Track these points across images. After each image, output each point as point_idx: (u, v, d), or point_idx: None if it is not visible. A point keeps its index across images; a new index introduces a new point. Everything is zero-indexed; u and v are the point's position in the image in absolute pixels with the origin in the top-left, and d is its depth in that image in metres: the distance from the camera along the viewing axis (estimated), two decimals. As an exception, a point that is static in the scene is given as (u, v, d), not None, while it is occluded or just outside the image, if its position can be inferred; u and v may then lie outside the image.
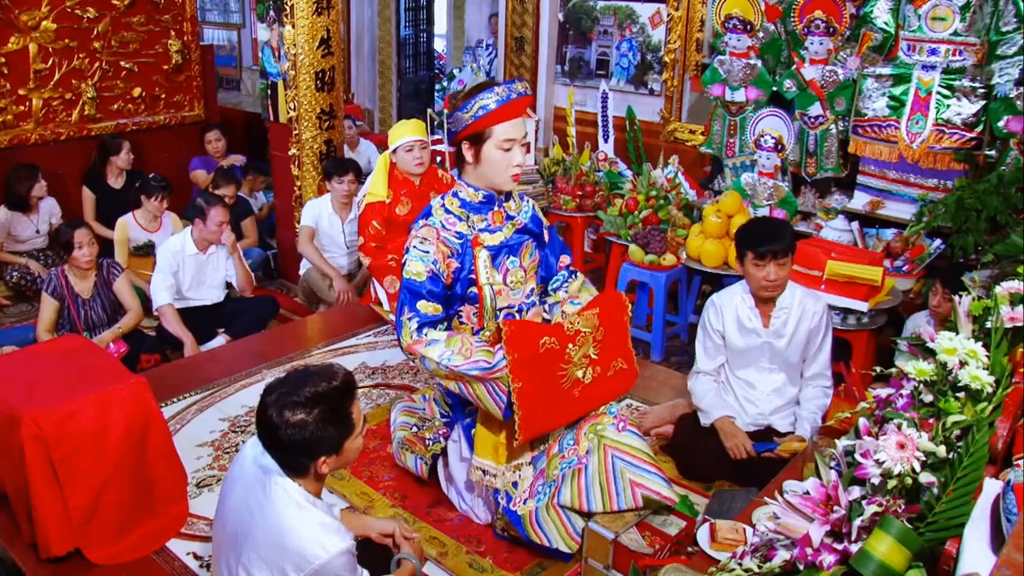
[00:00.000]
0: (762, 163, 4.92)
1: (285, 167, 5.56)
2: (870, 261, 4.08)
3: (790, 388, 3.35)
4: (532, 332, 2.56)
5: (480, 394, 2.57)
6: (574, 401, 2.66)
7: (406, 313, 2.64)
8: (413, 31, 9.77)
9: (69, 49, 5.86)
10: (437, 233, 2.68)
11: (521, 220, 2.84)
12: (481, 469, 2.76)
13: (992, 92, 4.21)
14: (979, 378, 1.52)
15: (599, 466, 2.66)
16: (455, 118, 2.65)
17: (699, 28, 6.14)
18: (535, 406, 2.54)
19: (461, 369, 2.52)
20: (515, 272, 2.80)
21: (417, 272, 2.65)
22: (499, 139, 2.63)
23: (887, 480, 1.52)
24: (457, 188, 2.77)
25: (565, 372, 2.60)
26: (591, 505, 2.66)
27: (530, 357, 2.50)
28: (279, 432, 2.05)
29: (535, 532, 2.72)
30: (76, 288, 4.43)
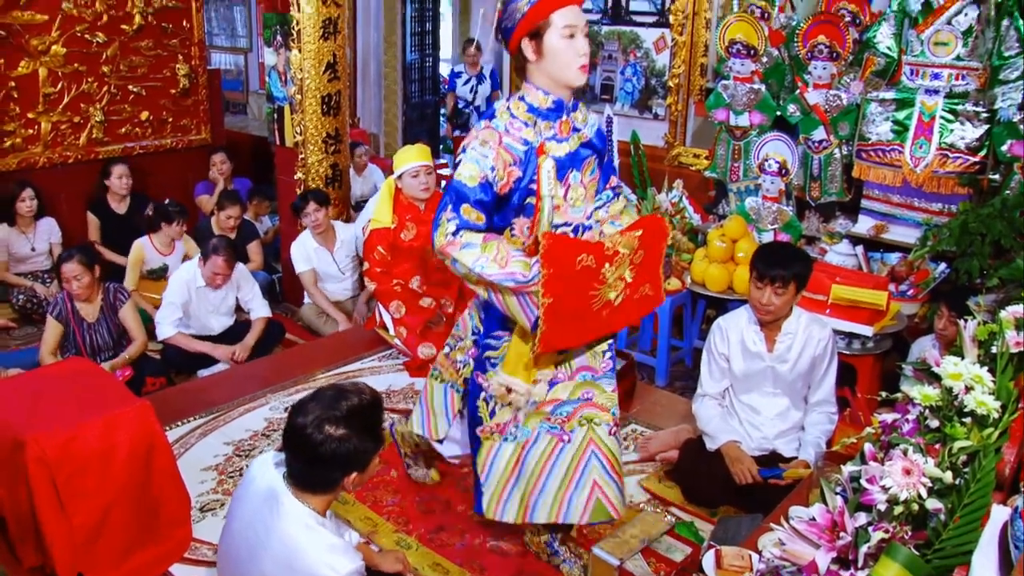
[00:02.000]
0: (766, 187, 4.93)
1: (291, 191, 5.57)
2: (875, 285, 4.09)
3: (794, 413, 3.34)
4: (570, 248, 2.41)
5: (510, 304, 2.43)
6: (600, 321, 2.52)
7: (447, 213, 2.43)
8: (419, 56, 9.84)
9: (78, 73, 5.90)
10: (500, 138, 2.46)
11: (587, 133, 2.63)
12: (506, 386, 2.59)
13: (995, 116, 4.23)
14: (985, 403, 1.51)
15: (575, 453, 2.68)
16: (509, 11, 2.45)
17: (703, 53, 6.18)
18: (562, 323, 2.40)
19: (495, 278, 2.37)
20: (576, 188, 2.60)
21: (470, 176, 2.43)
22: (560, 26, 2.41)
23: (893, 506, 1.51)
24: (524, 92, 2.54)
25: (597, 293, 2.46)
26: (540, 494, 2.69)
27: (565, 273, 2.36)
28: (321, 448, 2.08)
29: (483, 466, 2.72)
30: (82, 312, 4.43)
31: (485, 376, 2.67)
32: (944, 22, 4.29)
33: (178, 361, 4.71)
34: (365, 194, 6.89)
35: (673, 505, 3.34)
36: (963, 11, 4.23)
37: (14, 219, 5.56)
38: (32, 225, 5.64)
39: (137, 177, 6.09)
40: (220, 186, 6.50)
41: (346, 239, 5.41)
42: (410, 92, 9.76)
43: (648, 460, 3.67)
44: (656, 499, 3.39)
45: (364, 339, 4.83)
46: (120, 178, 5.95)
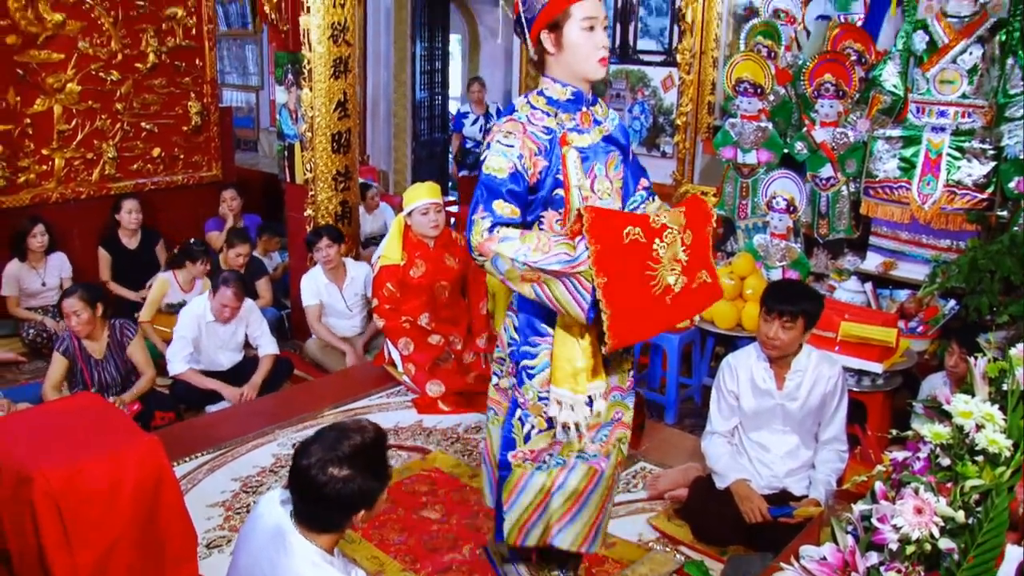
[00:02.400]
0: (774, 225, 4.94)
1: (300, 228, 5.61)
2: (884, 322, 4.07)
3: (804, 451, 3.32)
4: (615, 220, 2.30)
5: (559, 295, 2.28)
6: (666, 309, 2.38)
7: (480, 212, 2.35)
8: (428, 94, 9.94)
9: (92, 110, 5.98)
10: (523, 128, 2.41)
11: (608, 127, 2.59)
12: (558, 400, 2.45)
13: (1002, 153, 4.24)
14: (996, 442, 1.50)
15: (608, 478, 2.64)
16: (529, 3, 2.43)
17: (710, 91, 6.22)
18: (625, 305, 2.27)
19: (540, 264, 2.26)
20: (602, 180, 2.54)
21: (499, 168, 2.37)
22: (579, 18, 2.39)
23: (905, 546, 1.50)
24: (543, 85, 2.51)
25: (655, 273, 2.33)
26: (570, 523, 2.63)
27: (614, 247, 2.25)
28: (326, 489, 2.05)
29: (510, 494, 2.61)
30: (89, 349, 4.43)
31: (521, 389, 2.55)
32: (949, 61, 4.32)
33: (187, 396, 4.71)
34: (375, 232, 6.94)
35: (683, 544, 3.31)
36: (968, 50, 4.27)
37: (25, 254, 5.60)
38: (43, 260, 5.67)
39: (148, 213, 6.15)
40: (230, 222, 6.55)
41: (356, 276, 5.42)
42: (419, 130, 9.85)
43: (657, 498, 3.64)
44: (665, 537, 3.36)
45: (372, 376, 4.83)
46: (130, 212, 6.00)
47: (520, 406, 2.56)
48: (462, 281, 4.95)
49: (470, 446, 4.10)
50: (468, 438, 4.19)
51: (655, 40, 6.73)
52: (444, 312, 4.84)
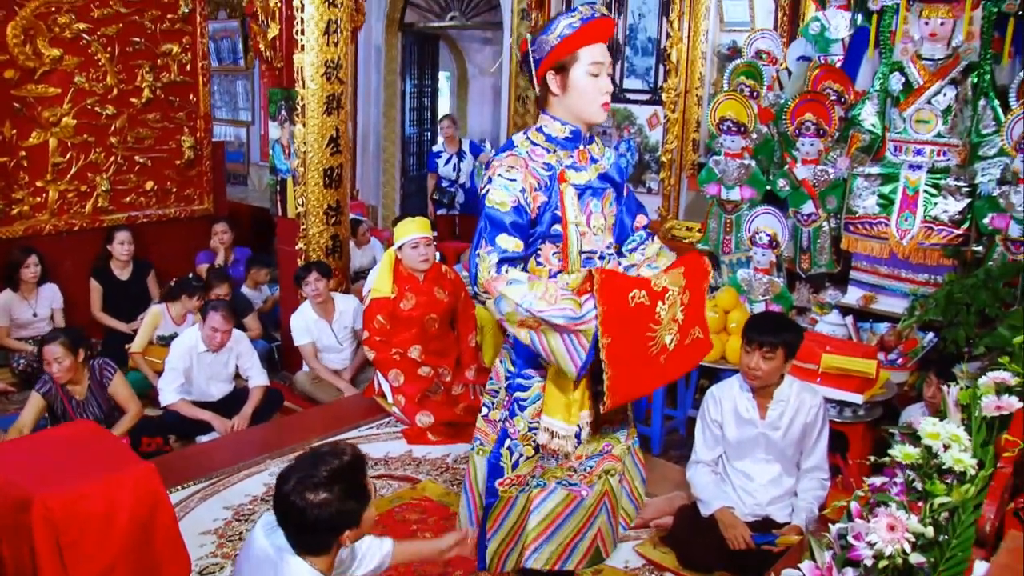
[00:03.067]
0: (757, 259, 5.05)
1: (292, 261, 5.68)
2: (864, 354, 4.17)
3: (786, 479, 3.40)
4: (623, 284, 2.36)
5: (555, 347, 2.33)
6: (660, 368, 2.46)
7: (484, 247, 2.38)
8: (417, 130, 10.08)
9: (87, 144, 6.06)
10: (525, 163, 2.46)
11: (604, 165, 2.65)
12: (549, 430, 2.50)
13: (976, 191, 4.37)
14: (962, 460, 1.59)
15: (590, 506, 2.68)
16: (538, 43, 2.47)
17: (695, 129, 6.36)
18: (626, 367, 2.34)
19: (544, 315, 2.29)
20: (597, 216, 2.59)
21: (501, 202, 2.40)
22: (586, 63, 2.45)
23: (879, 561, 1.58)
24: (542, 123, 2.57)
25: (655, 335, 2.40)
26: (545, 542, 2.67)
27: (620, 310, 2.30)
28: (305, 514, 2.12)
29: (495, 521, 2.65)
30: (71, 391, 4.39)
31: (513, 420, 2.60)
32: (924, 101, 4.46)
33: (178, 427, 4.74)
34: (364, 266, 7.02)
35: (668, 570, 3.38)
36: (942, 91, 4.41)
37: (17, 284, 5.65)
38: (35, 291, 5.72)
39: (140, 245, 6.20)
40: (221, 255, 6.62)
41: (344, 310, 5.48)
42: (408, 165, 9.99)
43: (643, 526, 3.71)
44: (651, 564, 3.43)
45: (362, 407, 4.89)
46: (122, 244, 6.05)
47: (510, 436, 2.61)
48: (451, 314, 5.03)
49: (459, 476, 4.16)
50: (457, 468, 4.24)
51: (641, 79, 6.89)
52: (433, 344, 4.92)
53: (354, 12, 5.58)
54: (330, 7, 5.26)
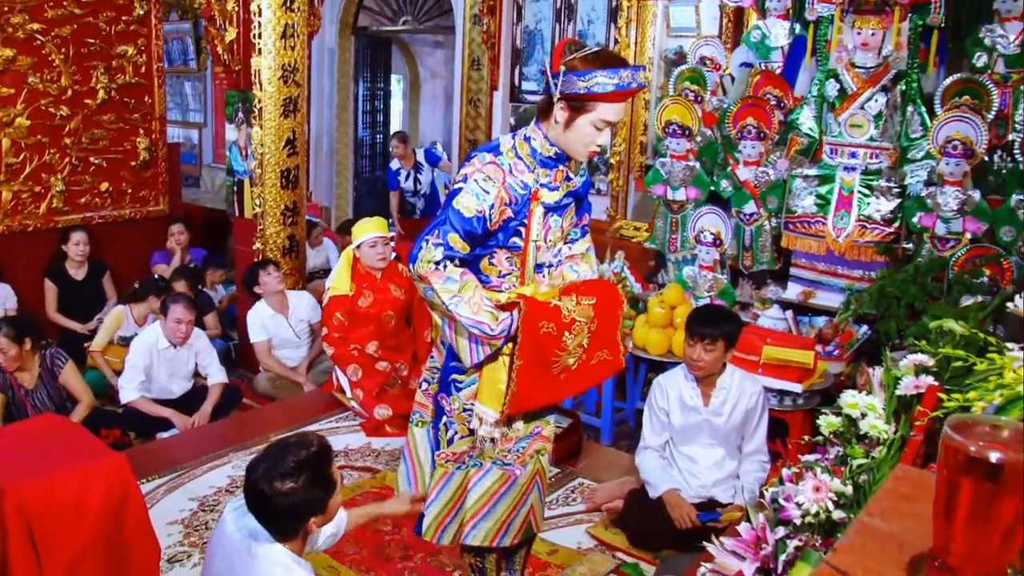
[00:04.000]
0: (702, 257, 5.24)
1: (249, 261, 5.76)
2: (802, 346, 4.39)
3: (729, 462, 3.60)
4: (539, 313, 2.49)
5: (460, 343, 2.51)
6: (558, 384, 2.63)
7: (435, 237, 2.47)
8: (370, 132, 10.17)
9: (41, 144, 6.08)
10: (504, 177, 2.52)
11: (576, 183, 2.73)
12: (480, 417, 2.64)
13: (906, 191, 4.62)
14: (876, 426, 1.79)
15: (523, 484, 2.79)
16: (568, 79, 2.45)
17: (642, 132, 6.58)
18: (529, 385, 2.52)
19: (463, 321, 2.44)
20: (555, 231, 2.69)
21: (467, 207, 2.47)
22: (598, 117, 2.49)
23: (806, 518, 1.77)
24: (531, 135, 2.60)
25: (558, 359, 2.56)
26: (481, 519, 2.77)
27: (533, 338, 2.46)
28: (272, 502, 2.22)
29: (432, 491, 2.77)
30: (20, 379, 4.48)
31: (449, 399, 2.72)
32: (858, 107, 4.70)
33: (138, 424, 4.81)
34: (318, 266, 7.12)
35: (619, 550, 3.56)
36: (873, 97, 4.66)
37: None
38: (-17, 292, 5.73)
39: (95, 246, 6.23)
40: (177, 256, 6.66)
41: (298, 305, 5.59)
42: (361, 167, 10.07)
43: (595, 510, 3.89)
44: (603, 545, 3.60)
45: (321, 401, 5.01)
46: (77, 244, 6.07)
47: (446, 414, 2.74)
48: (408, 310, 5.17)
49: (418, 466, 4.29)
50: (416, 459, 4.38)
51: (590, 83, 7.06)
52: (391, 340, 5.05)
53: (310, 17, 5.68)
54: (287, 12, 5.37)
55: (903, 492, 1.15)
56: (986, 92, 4.50)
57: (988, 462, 0.84)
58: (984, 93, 4.51)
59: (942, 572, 0.91)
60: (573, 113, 2.49)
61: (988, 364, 1.97)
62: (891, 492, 1.16)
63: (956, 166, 4.36)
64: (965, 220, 4.40)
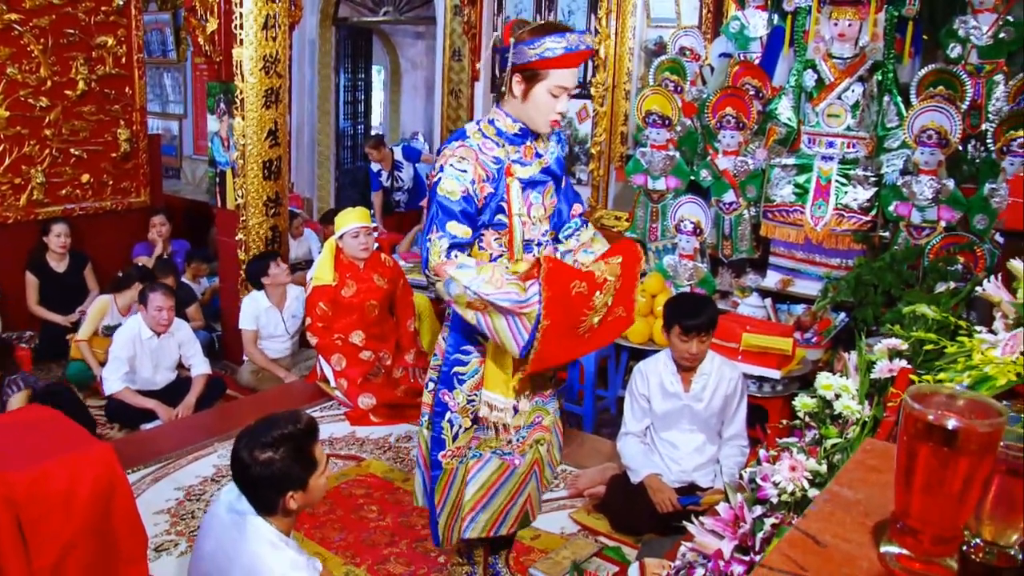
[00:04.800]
0: (682, 246, 5.31)
1: (232, 252, 5.77)
2: (781, 333, 4.45)
3: (710, 447, 3.66)
4: (567, 274, 2.52)
5: (499, 328, 2.48)
6: (580, 342, 2.65)
7: (435, 232, 2.52)
8: (351, 123, 10.17)
9: (20, 136, 6.05)
10: (476, 155, 2.59)
11: (548, 159, 2.79)
12: (488, 404, 2.69)
13: (882, 180, 4.69)
14: (849, 407, 1.84)
15: (521, 474, 2.84)
16: (518, 49, 2.54)
17: (623, 122, 6.62)
18: (553, 344, 2.52)
19: (490, 298, 2.44)
20: (537, 208, 2.74)
21: (451, 191, 2.53)
22: (553, 83, 2.56)
23: (782, 496, 1.82)
24: (494, 116, 2.69)
25: (586, 318, 2.58)
26: (480, 511, 2.82)
27: (562, 298, 2.47)
28: (250, 470, 2.29)
29: (442, 493, 2.80)
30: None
31: (451, 393, 2.75)
32: (835, 97, 4.77)
33: (122, 415, 4.83)
34: (299, 257, 7.13)
35: (602, 534, 3.61)
36: (850, 87, 4.72)
37: None
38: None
39: (77, 238, 6.21)
40: (159, 247, 6.66)
41: (294, 299, 5.61)
42: (342, 158, 10.08)
43: (577, 496, 3.94)
44: (586, 530, 3.66)
45: (306, 391, 5.04)
46: (58, 236, 6.05)
47: (450, 409, 2.76)
48: (390, 300, 5.20)
49: (402, 454, 4.34)
50: (399, 447, 4.42)
51: (571, 74, 7.10)
52: (374, 329, 5.08)
53: (291, 7, 5.68)
54: (268, 2, 5.37)
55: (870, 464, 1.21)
56: (960, 83, 4.58)
57: (944, 429, 0.89)
58: (958, 84, 4.59)
59: (903, 534, 0.96)
60: (528, 84, 2.57)
61: (958, 347, 2.03)
62: (859, 464, 1.21)
63: (931, 155, 4.43)
64: (940, 209, 4.48)
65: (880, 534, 1.02)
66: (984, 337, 1.96)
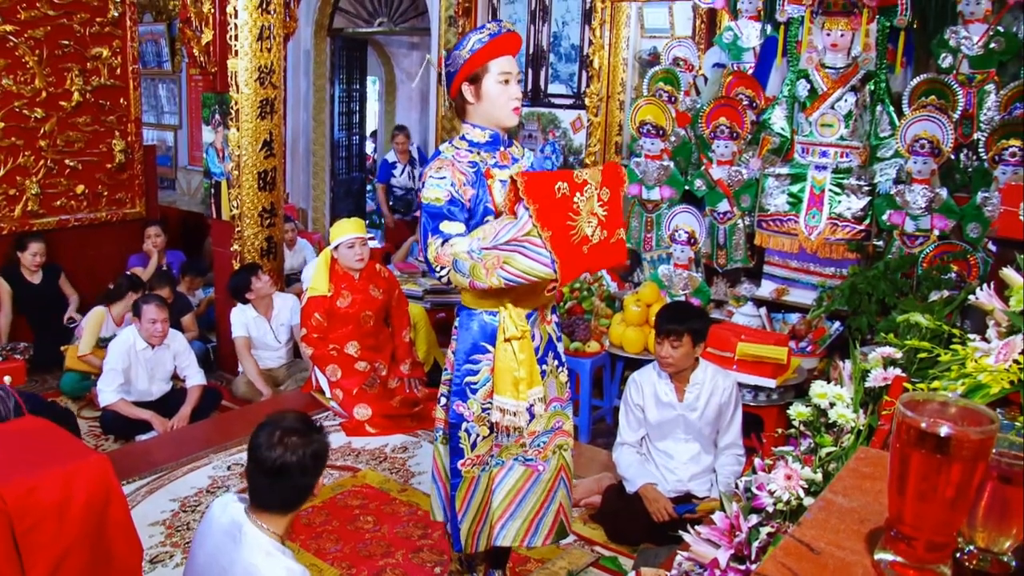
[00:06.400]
0: (677, 256, 5.31)
1: (227, 262, 5.77)
2: (776, 342, 4.46)
3: (705, 456, 3.66)
4: (546, 179, 2.56)
5: (524, 266, 2.49)
6: (582, 257, 2.64)
7: (430, 236, 2.64)
8: (346, 134, 10.19)
9: (15, 147, 6.06)
10: (452, 163, 2.70)
11: (524, 164, 2.89)
12: (500, 408, 2.73)
13: (876, 189, 4.71)
14: (844, 415, 1.85)
15: (548, 480, 2.87)
16: (452, 58, 2.73)
17: (617, 132, 6.64)
18: (565, 250, 2.53)
19: (492, 242, 2.53)
20: None
21: (436, 198, 2.65)
22: (496, 73, 2.70)
23: (778, 506, 1.83)
24: (464, 132, 2.83)
25: (575, 224, 2.59)
26: (510, 519, 2.84)
27: (549, 204, 2.51)
28: (285, 459, 2.32)
29: (463, 501, 2.82)
30: None
31: (466, 403, 2.78)
32: (828, 106, 4.79)
33: (117, 426, 4.82)
34: (294, 267, 7.13)
35: (597, 544, 3.61)
36: (843, 97, 4.75)
37: None
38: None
39: (72, 249, 6.22)
40: (154, 259, 6.65)
41: (282, 308, 5.61)
42: (337, 169, 10.09)
43: (574, 506, 3.93)
44: (582, 540, 3.66)
45: (301, 402, 5.03)
46: (34, 255, 5.98)
47: (466, 420, 2.79)
48: (386, 311, 5.20)
49: (397, 464, 4.34)
50: (395, 457, 4.42)
51: (565, 84, 7.14)
52: (369, 340, 5.08)
53: (286, 18, 5.70)
54: (263, 13, 5.39)
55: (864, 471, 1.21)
56: (952, 92, 4.60)
57: (937, 436, 0.90)
58: (950, 93, 4.61)
59: (897, 541, 0.97)
60: (475, 84, 2.73)
61: (952, 355, 2.03)
62: (853, 471, 1.22)
63: (924, 164, 4.45)
64: (933, 217, 4.50)
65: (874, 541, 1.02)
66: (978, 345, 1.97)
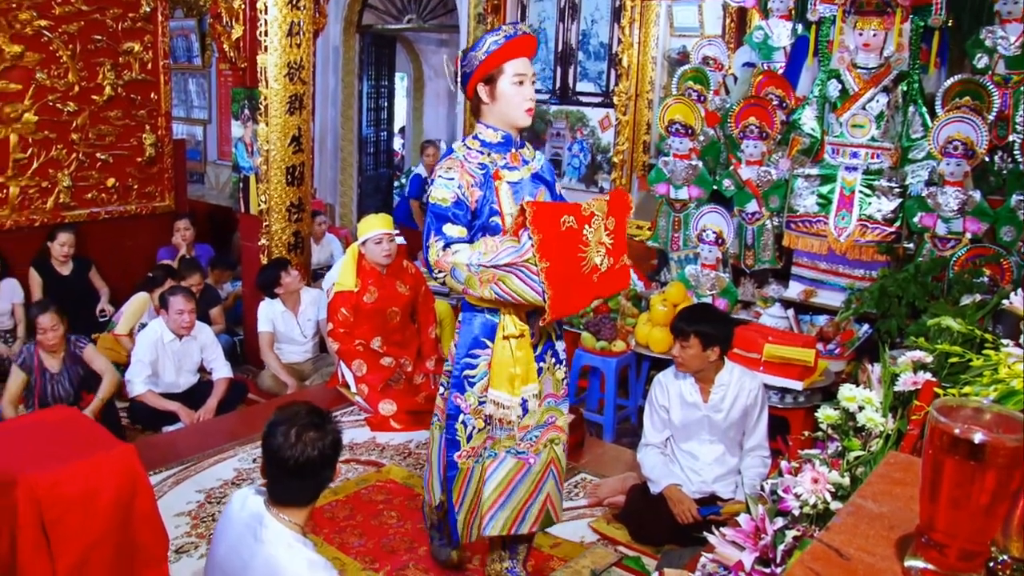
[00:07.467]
0: (704, 256, 5.29)
1: (254, 257, 5.81)
2: (803, 344, 4.43)
3: (730, 458, 3.64)
4: (553, 211, 2.63)
5: (516, 287, 2.58)
6: (592, 286, 2.75)
7: (432, 237, 2.71)
8: (374, 130, 10.22)
9: (48, 140, 6.13)
10: (461, 164, 2.77)
11: (535, 166, 2.93)
12: (495, 402, 2.80)
13: (907, 191, 4.66)
14: (873, 419, 1.83)
15: (538, 472, 2.92)
16: (468, 59, 2.79)
17: (645, 131, 6.62)
18: (562, 284, 2.60)
19: (492, 261, 2.59)
20: None
21: (443, 198, 2.72)
22: (511, 74, 2.76)
23: (804, 508, 1.81)
24: (477, 131, 2.88)
25: (584, 255, 2.68)
26: (499, 509, 2.88)
27: (553, 235, 2.58)
28: (306, 453, 2.27)
29: (459, 492, 2.88)
30: (46, 363, 4.58)
31: (463, 396, 2.85)
32: (859, 107, 4.75)
33: (144, 417, 4.87)
34: (322, 261, 7.15)
35: (621, 544, 3.60)
36: (875, 98, 4.70)
37: None
38: (-9, 286, 5.76)
39: (102, 242, 6.28)
40: (183, 251, 6.71)
41: (309, 303, 5.64)
42: (365, 165, 10.12)
43: (597, 505, 3.93)
44: (605, 539, 3.64)
45: (326, 397, 5.05)
46: (63, 245, 6.03)
47: (463, 411, 2.86)
48: (412, 307, 5.21)
49: (421, 460, 4.34)
50: (419, 453, 4.43)
51: (593, 83, 7.13)
52: (395, 336, 5.09)
53: (316, 14, 5.73)
54: (293, 9, 5.41)
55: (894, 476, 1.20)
56: (987, 93, 4.54)
57: (971, 442, 0.88)
58: (985, 94, 4.55)
59: (929, 548, 0.95)
60: (491, 85, 2.78)
61: (984, 360, 2.01)
62: (883, 476, 1.20)
63: (957, 166, 4.40)
64: (966, 220, 4.45)
65: (904, 548, 1.01)
66: (1010, 351, 1.94)
